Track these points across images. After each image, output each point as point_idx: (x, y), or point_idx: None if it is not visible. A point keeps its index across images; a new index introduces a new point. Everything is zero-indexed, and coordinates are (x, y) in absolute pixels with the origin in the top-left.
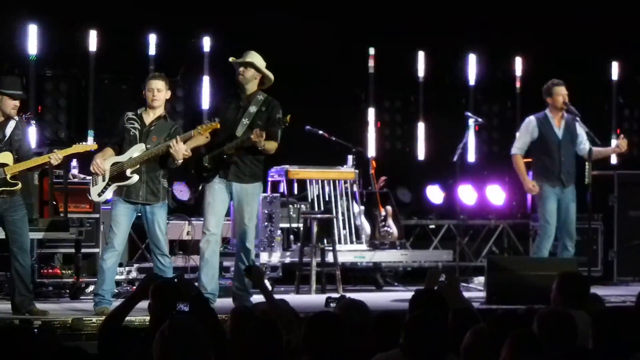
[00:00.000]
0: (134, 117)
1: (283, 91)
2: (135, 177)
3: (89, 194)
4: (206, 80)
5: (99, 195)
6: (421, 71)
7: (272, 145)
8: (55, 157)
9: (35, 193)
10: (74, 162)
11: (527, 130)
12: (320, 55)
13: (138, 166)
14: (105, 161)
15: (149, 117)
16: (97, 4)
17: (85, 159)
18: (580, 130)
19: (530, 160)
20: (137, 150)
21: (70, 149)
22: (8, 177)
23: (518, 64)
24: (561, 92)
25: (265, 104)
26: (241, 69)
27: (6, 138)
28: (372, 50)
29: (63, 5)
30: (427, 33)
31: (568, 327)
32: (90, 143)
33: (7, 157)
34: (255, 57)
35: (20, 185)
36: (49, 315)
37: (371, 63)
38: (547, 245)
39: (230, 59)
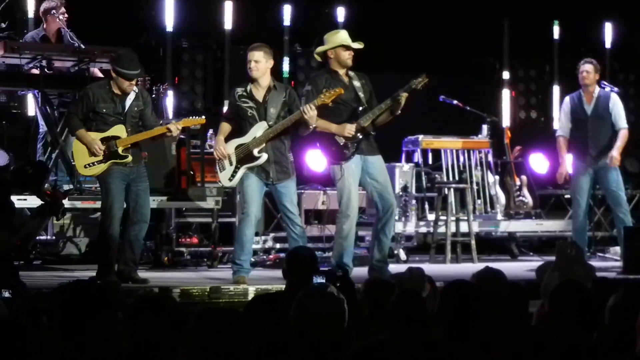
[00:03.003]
0: (244, 94)
1: (417, 60)
2: (265, 156)
3: (219, 180)
4: None
5: (230, 180)
6: (556, 39)
7: None
8: (175, 127)
9: (173, 163)
10: (211, 132)
11: (562, 110)
12: (454, 24)
13: (264, 145)
14: (227, 145)
15: (258, 92)
16: None
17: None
18: (615, 106)
19: None
20: (260, 129)
21: (182, 122)
22: (120, 150)
23: None
24: (582, 69)
25: (362, 77)
26: (352, 52)
27: (125, 110)
28: (506, 19)
29: None
30: (563, 0)
31: None
32: (199, 118)
33: (120, 130)
34: None
35: (130, 158)
36: (150, 283)
37: (506, 32)
38: (579, 215)
39: (356, 45)
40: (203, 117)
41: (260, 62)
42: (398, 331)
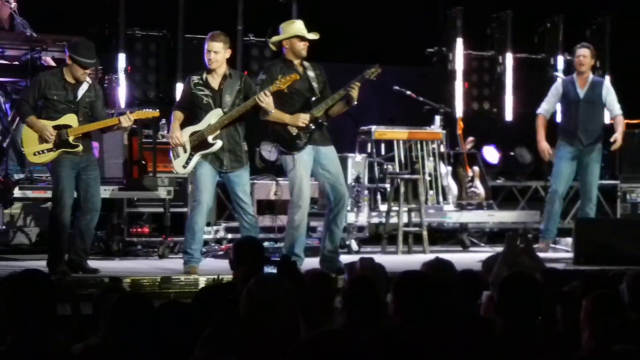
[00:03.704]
0: (200, 82)
1: (371, 51)
2: (219, 143)
3: (173, 168)
4: None
5: (184, 167)
6: (510, 31)
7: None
8: (126, 118)
9: (125, 153)
10: (163, 121)
11: (552, 91)
12: (409, 14)
13: (219, 132)
14: (183, 132)
15: (214, 80)
16: None
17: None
18: (608, 94)
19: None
20: (214, 116)
21: (135, 114)
22: (70, 139)
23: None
24: (578, 54)
25: (316, 67)
26: (307, 43)
27: (77, 99)
28: (460, 10)
29: None
30: None
31: None
32: (152, 110)
33: (71, 119)
34: None
35: (81, 147)
36: (100, 273)
37: (459, 23)
38: (554, 200)
39: (311, 36)
40: (157, 110)
41: (219, 53)
42: (351, 318)
